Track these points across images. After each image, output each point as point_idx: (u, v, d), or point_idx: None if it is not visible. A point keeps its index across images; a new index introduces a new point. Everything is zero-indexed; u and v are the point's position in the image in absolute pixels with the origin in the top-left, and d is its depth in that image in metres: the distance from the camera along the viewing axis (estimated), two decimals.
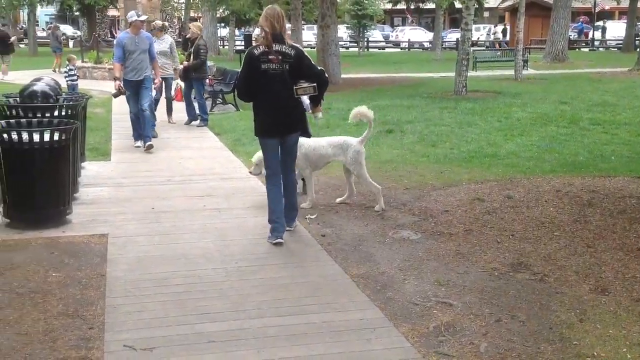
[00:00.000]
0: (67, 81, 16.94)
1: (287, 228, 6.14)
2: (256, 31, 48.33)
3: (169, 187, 7.89)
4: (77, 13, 49.69)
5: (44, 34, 49.32)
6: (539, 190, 7.48)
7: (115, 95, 10.28)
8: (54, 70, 24.93)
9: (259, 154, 6.76)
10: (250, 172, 7.31)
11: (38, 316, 4.36)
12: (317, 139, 7.25)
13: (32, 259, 5.40)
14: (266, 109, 5.89)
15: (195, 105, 12.90)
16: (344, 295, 4.76)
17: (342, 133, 11.52)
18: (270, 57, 5.72)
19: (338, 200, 7.23)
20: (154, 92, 11.36)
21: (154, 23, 13.60)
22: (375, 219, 6.59)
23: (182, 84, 13.54)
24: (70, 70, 17.33)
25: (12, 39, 25.61)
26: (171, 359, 3.83)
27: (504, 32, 47.98)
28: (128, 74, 10.10)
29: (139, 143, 10.36)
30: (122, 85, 10.01)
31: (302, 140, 6.72)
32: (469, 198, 7.23)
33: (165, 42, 12.53)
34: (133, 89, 10.15)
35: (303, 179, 7.33)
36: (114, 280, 4.97)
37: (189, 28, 13.73)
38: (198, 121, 12.80)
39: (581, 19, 51.77)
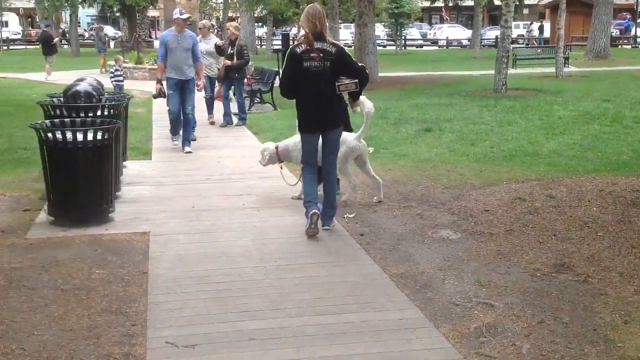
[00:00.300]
0: (112, 81, 17.05)
1: (326, 227, 6.19)
2: (294, 30, 48.52)
3: (208, 185, 7.96)
4: (117, 14, 50.42)
5: (85, 34, 50.28)
6: (581, 190, 7.36)
7: (155, 97, 10.30)
8: (101, 72, 25.26)
9: (266, 145, 7.53)
10: (260, 162, 7.54)
11: (82, 313, 4.43)
12: None
13: (76, 256, 5.50)
14: (308, 105, 6.06)
15: (234, 105, 12.96)
16: (383, 294, 4.75)
17: (378, 131, 11.53)
18: (311, 54, 5.88)
19: (374, 199, 7.19)
20: (203, 92, 11.36)
21: (201, 22, 13.64)
22: (414, 218, 6.56)
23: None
24: (117, 70, 17.46)
25: (55, 40, 26.13)
26: (212, 356, 3.86)
27: (540, 29, 47.31)
28: (170, 71, 9.95)
29: (176, 140, 10.38)
30: (163, 88, 10.01)
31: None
32: (509, 197, 7.15)
33: (211, 42, 12.64)
34: (175, 88, 9.97)
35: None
36: (156, 278, 5.03)
37: (227, 29, 13.59)
38: (236, 120, 12.84)
39: (627, 16, 50.71)
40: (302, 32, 6.18)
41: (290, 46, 6.20)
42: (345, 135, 6.92)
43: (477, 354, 3.89)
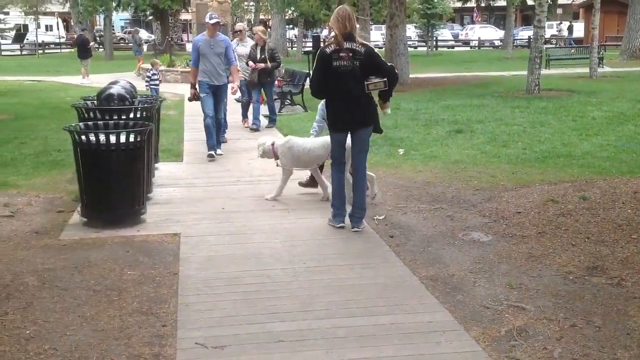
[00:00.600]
0: (149, 85, 16.96)
1: (356, 229, 6.21)
2: (324, 32, 48.54)
3: (238, 187, 8.00)
4: (150, 17, 50.99)
5: (121, 36, 50.90)
6: (615, 192, 7.24)
7: (191, 100, 10.21)
8: (138, 74, 25.55)
9: (262, 139, 7.63)
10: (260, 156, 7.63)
11: (114, 313, 4.49)
12: (309, 139, 7.51)
13: (108, 257, 5.57)
14: (338, 104, 6.17)
15: (264, 108, 12.99)
16: (412, 297, 4.72)
17: (409, 132, 11.48)
18: (341, 54, 5.99)
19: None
20: (238, 94, 11.18)
21: (239, 25, 13.50)
22: (445, 220, 6.51)
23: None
24: (153, 75, 17.37)
25: (92, 43, 26.58)
26: (241, 357, 3.88)
27: (570, 29, 46.67)
28: (203, 76, 9.78)
29: (212, 158, 9.77)
30: (197, 92, 9.88)
31: (295, 140, 7.39)
32: (542, 199, 7.06)
33: (248, 45, 12.57)
34: (209, 91, 9.78)
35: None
36: (186, 279, 5.07)
37: (255, 34, 13.14)
38: (266, 122, 12.84)
39: None
40: (332, 33, 6.22)
41: (321, 47, 6.23)
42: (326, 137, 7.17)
43: (507, 357, 3.85)
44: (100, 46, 44.87)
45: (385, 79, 6.09)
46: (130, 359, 3.87)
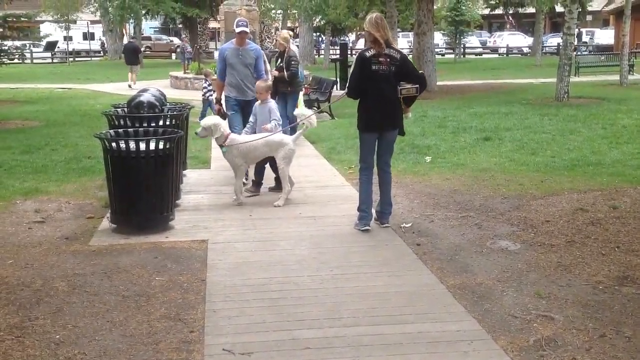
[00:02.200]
0: (206, 96, 16.37)
1: (385, 225, 6.53)
2: (352, 38, 48.53)
3: (265, 194, 8.03)
4: (180, 25, 51.46)
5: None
6: None
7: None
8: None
9: (209, 120, 7.56)
10: (196, 134, 7.66)
11: (142, 319, 4.53)
12: (254, 136, 7.71)
13: (137, 263, 5.63)
14: (372, 106, 6.40)
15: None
16: (439, 305, 4.70)
17: (436, 140, 11.44)
18: (380, 59, 6.27)
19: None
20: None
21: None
22: (472, 229, 6.47)
23: None
24: (210, 85, 16.71)
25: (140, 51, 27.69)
26: None
27: (579, 36, 46.04)
28: (230, 90, 8.66)
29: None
30: (222, 108, 8.81)
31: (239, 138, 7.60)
32: (571, 208, 6.99)
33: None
34: (237, 109, 8.65)
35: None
36: (214, 285, 5.10)
37: (276, 40, 12.51)
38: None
39: None
40: (360, 40, 6.40)
41: (359, 50, 6.54)
42: (284, 138, 7.67)
43: None
44: (147, 49, 45.62)
45: (417, 86, 6.39)
46: None
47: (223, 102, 8.85)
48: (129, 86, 23.62)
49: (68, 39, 46.94)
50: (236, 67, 8.56)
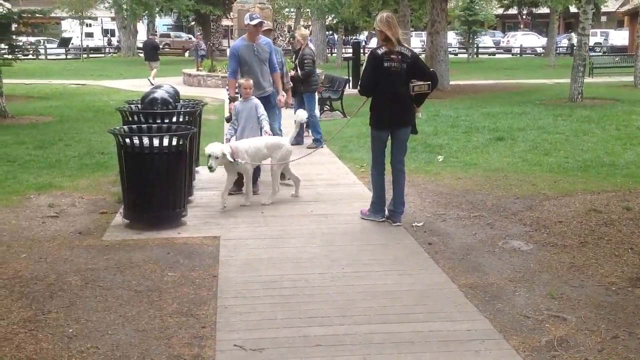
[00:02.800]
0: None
1: (398, 223, 6.56)
2: (362, 37, 48.39)
3: (280, 194, 8.02)
4: (193, 23, 51.61)
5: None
6: None
7: (228, 120, 8.35)
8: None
9: (214, 149, 7.04)
10: (210, 169, 7.07)
11: (154, 314, 4.55)
12: (255, 139, 7.59)
13: (150, 258, 5.66)
14: (385, 103, 6.45)
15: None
16: (451, 304, 4.69)
17: (448, 140, 11.41)
18: (392, 56, 6.33)
19: (292, 194, 7.78)
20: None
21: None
22: (484, 228, 6.46)
23: None
24: None
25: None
26: None
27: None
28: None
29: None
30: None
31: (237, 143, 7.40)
32: (584, 209, 6.96)
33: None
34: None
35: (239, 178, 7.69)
36: (226, 282, 5.12)
37: (295, 37, 12.10)
38: (311, 142, 11.23)
39: None
40: (372, 38, 6.43)
41: (372, 49, 6.59)
42: (281, 139, 7.75)
43: None
44: (166, 46, 45.86)
45: (429, 82, 6.45)
46: (170, 359, 3.92)
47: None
48: (149, 81, 23.67)
49: (89, 35, 47.47)
50: (253, 64, 8.21)
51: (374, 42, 48.13)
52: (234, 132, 7.90)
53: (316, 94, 12.09)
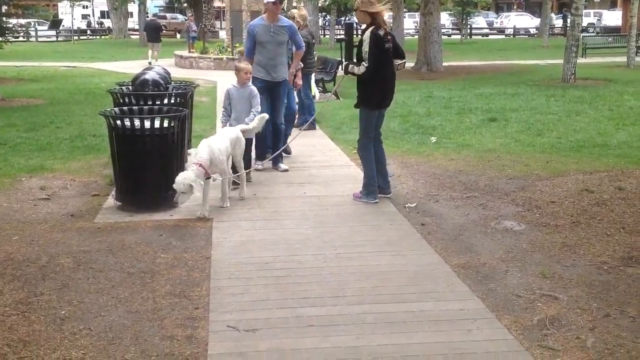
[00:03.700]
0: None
1: (388, 195, 6.79)
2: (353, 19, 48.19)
3: (270, 174, 8.01)
4: (185, 4, 51.19)
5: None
6: None
7: None
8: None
9: (182, 180, 6.07)
10: (175, 202, 6.30)
11: (147, 295, 4.55)
12: (217, 137, 6.75)
13: (142, 240, 5.64)
14: (382, 84, 6.55)
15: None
16: (443, 284, 4.70)
17: (442, 120, 11.40)
18: (388, 37, 6.47)
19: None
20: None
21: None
22: (477, 209, 6.47)
23: None
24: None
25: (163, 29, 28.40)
26: (272, 340, 3.90)
27: (564, 19, 45.53)
28: (257, 70, 7.79)
29: (259, 164, 8.03)
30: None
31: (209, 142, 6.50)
32: (576, 189, 6.97)
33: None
34: (263, 91, 7.71)
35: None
36: (218, 263, 5.11)
37: (292, 17, 11.23)
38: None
39: None
40: (359, 14, 6.49)
41: (371, 30, 6.41)
42: (237, 131, 6.90)
43: (540, 346, 3.82)
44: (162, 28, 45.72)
45: (405, 60, 6.72)
46: (163, 340, 3.93)
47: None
48: (149, 63, 23.57)
49: (85, 17, 47.26)
50: (267, 45, 7.77)
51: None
52: (227, 118, 7.38)
53: (313, 75, 12.04)
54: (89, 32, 52.57)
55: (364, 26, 6.54)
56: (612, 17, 48.63)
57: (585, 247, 5.38)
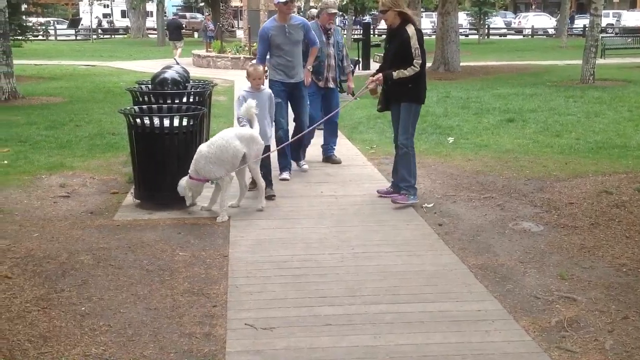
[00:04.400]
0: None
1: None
2: (383, 22, 47.94)
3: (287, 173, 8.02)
4: (202, 4, 51.38)
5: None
6: None
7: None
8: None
9: (181, 186, 6.24)
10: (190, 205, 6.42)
11: (166, 292, 4.58)
12: (212, 140, 6.40)
13: (161, 238, 5.68)
14: (425, 77, 6.55)
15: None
16: (461, 285, 4.70)
17: (459, 121, 11.37)
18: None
19: (233, 203, 6.60)
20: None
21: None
22: (494, 210, 6.45)
23: None
24: None
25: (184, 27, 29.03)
26: (290, 339, 3.92)
27: (571, 19, 45.09)
28: (277, 73, 7.51)
29: (285, 175, 7.69)
30: None
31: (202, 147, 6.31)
32: (595, 190, 6.93)
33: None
34: (283, 95, 7.48)
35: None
36: (236, 261, 5.14)
37: (313, 17, 10.62)
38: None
39: None
40: (389, 15, 6.36)
41: (412, 25, 6.38)
42: (253, 132, 6.45)
43: (557, 348, 3.81)
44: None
45: None
46: (181, 337, 3.96)
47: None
48: (175, 60, 23.81)
49: (106, 16, 47.80)
50: (284, 47, 7.41)
51: (383, 23, 47.70)
52: (247, 124, 6.60)
53: None
54: (99, 30, 52.86)
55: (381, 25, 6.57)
56: (632, 18, 48.21)
57: (604, 249, 5.35)
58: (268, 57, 7.53)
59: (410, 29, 6.32)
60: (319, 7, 8.22)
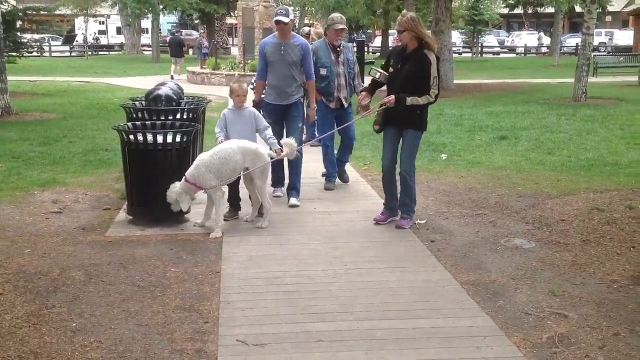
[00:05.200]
0: None
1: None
2: (378, 39, 48.20)
3: (280, 189, 8.03)
4: (197, 21, 51.64)
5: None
6: None
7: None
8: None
9: (168, 192, 6.20)
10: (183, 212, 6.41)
11: (157, 309, 4.57)
12: (213, 150, 6.38)
13: (153, 254, 5.68)
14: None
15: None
16: (453, 301, 4.70)
17: (452, 138, 11.42)
18: None
19: (246, 218, 6.71)
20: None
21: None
22: (487, 226, 6.47)
23: None
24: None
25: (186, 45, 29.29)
26: (282, 355, 3.92)
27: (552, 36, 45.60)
28: (269, 94, 7.26)
29: (278, 192, 7.64)
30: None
31: (203, 155, 6.33)
32: (587, 207, 6.96)
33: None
34: (275, 117, 7.21)
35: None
36: (228, 278, 5.14)
37: (307, 34, 11.01)
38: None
39: None
40: (406, 36, 6.12)
41: (432, 52, 6.15)
42: (258, 147, 6.45)
43: None
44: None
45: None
46: (172, 353, 3.94)
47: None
48: (172, 77, 24.19)
49: (102, 32, 48.07)
50: (276, 65, 7.09)
51: (378, 41, 48.07)
52: (224, 138, 6.59)
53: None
54: (92, 47, 53.07)
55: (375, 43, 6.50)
56: (624, 37, 48.59)
57: (595, 266, 5.37)
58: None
59: (432, 57, 6.09)
60: (326, 24, 8.01)
